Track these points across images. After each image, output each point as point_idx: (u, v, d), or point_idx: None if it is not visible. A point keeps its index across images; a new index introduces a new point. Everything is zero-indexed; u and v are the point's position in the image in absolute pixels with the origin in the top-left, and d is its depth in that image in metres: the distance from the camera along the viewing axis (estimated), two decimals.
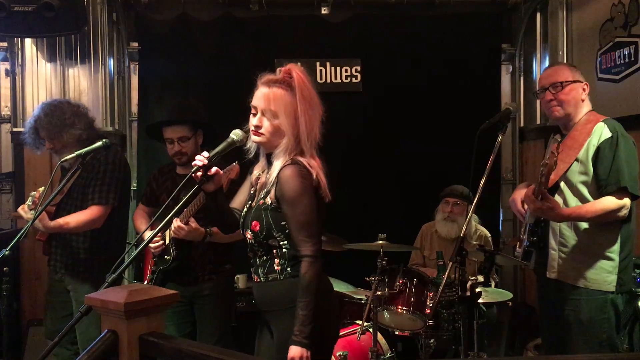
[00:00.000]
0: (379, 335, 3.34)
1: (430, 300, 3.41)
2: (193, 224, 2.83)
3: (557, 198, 2.59)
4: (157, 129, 3.15)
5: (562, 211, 2.51)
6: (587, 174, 2.56)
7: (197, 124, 3.11)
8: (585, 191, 2.56)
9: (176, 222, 2.85)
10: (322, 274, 2.12)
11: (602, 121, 2.59)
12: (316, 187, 2.09)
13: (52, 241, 3.15)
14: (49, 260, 3.22)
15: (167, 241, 3.02)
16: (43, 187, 2.94)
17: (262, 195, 2.14)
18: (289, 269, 2.11)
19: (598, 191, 2.53)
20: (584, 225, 2.58)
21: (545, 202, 2.43)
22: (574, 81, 2.65)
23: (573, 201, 2.58)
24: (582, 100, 2.67)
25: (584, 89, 2.67)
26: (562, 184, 2.61)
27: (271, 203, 2.10)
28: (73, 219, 2.97)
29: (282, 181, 2.05)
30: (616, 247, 2.56)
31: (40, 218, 2.78)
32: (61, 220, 2.93)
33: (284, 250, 2.12)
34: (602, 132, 2.55)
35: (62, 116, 3.01)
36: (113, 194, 3.03)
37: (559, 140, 2.71)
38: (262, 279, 2.15)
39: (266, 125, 2.08)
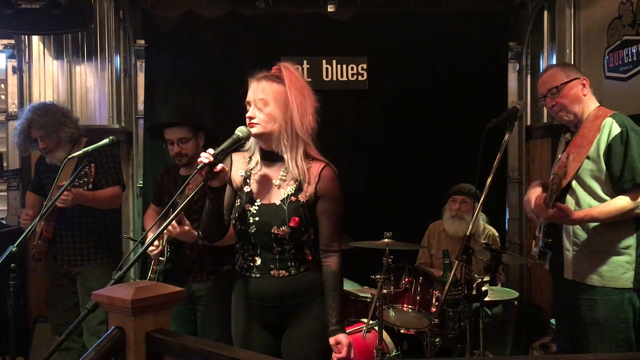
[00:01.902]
0: (385, 334, 3.34)
1: (436, 298, 3.40)
2: (187, 226, 2.81)
3: (570, 198, 2.56)
4: (159, 129, 3.15)
5: (575, 216, 2.46)
6: (599, 172, 2.50)
7: (197, 126, 3.09)
8: (598, 189, 2.50)
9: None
10: None
11: (610, 116, 2.54)
12: None
13: (56, 237, 3.27)
14: (55, 256, 3.30)
15: (164, 243, 3.00)
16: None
17: (293, 192, 2.15)
18: (317, 257, 2.21)
19: (613, 189, 2.47)
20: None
21: (557, 210, 2.41)
22: (569, 80, 2.60)
23: (586, 200, 2.52)
24: (585, 95, 2.62)
25: (583, 84, 2.62)
26: (574, 182, 2.55)
27: (308, 200, 2.15)
28: (103, 192, 3.25)
29: (327, 180, 2.16)
30: (631, 242, 2.50)
31: (75, 192, 2.96)
32: (92, 192, 3.16)
33: (311, 242, 2.21)
34: (611, 127, 2.49)
35: (55, 116, 3.22)
36: (122, 177, 3.38)
37: (569, 139, 2.68)
38: (292, 271, 2.18)
39: (259, 115, 2.12)
